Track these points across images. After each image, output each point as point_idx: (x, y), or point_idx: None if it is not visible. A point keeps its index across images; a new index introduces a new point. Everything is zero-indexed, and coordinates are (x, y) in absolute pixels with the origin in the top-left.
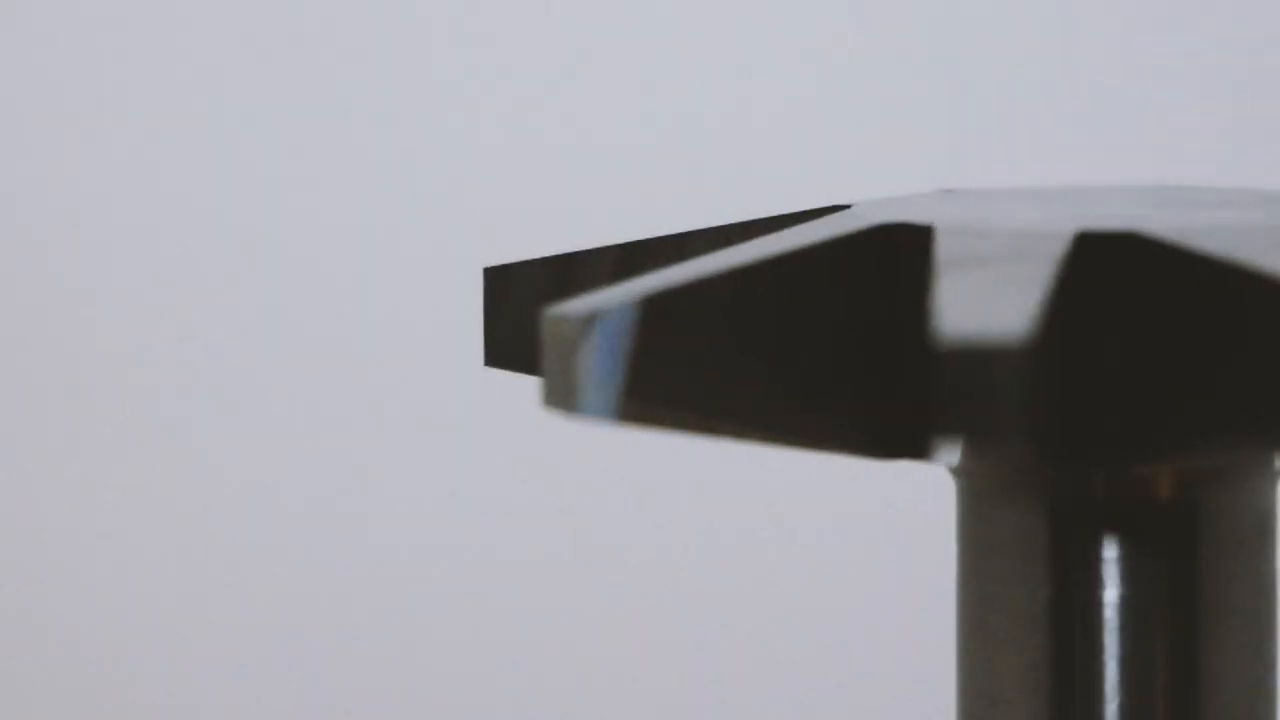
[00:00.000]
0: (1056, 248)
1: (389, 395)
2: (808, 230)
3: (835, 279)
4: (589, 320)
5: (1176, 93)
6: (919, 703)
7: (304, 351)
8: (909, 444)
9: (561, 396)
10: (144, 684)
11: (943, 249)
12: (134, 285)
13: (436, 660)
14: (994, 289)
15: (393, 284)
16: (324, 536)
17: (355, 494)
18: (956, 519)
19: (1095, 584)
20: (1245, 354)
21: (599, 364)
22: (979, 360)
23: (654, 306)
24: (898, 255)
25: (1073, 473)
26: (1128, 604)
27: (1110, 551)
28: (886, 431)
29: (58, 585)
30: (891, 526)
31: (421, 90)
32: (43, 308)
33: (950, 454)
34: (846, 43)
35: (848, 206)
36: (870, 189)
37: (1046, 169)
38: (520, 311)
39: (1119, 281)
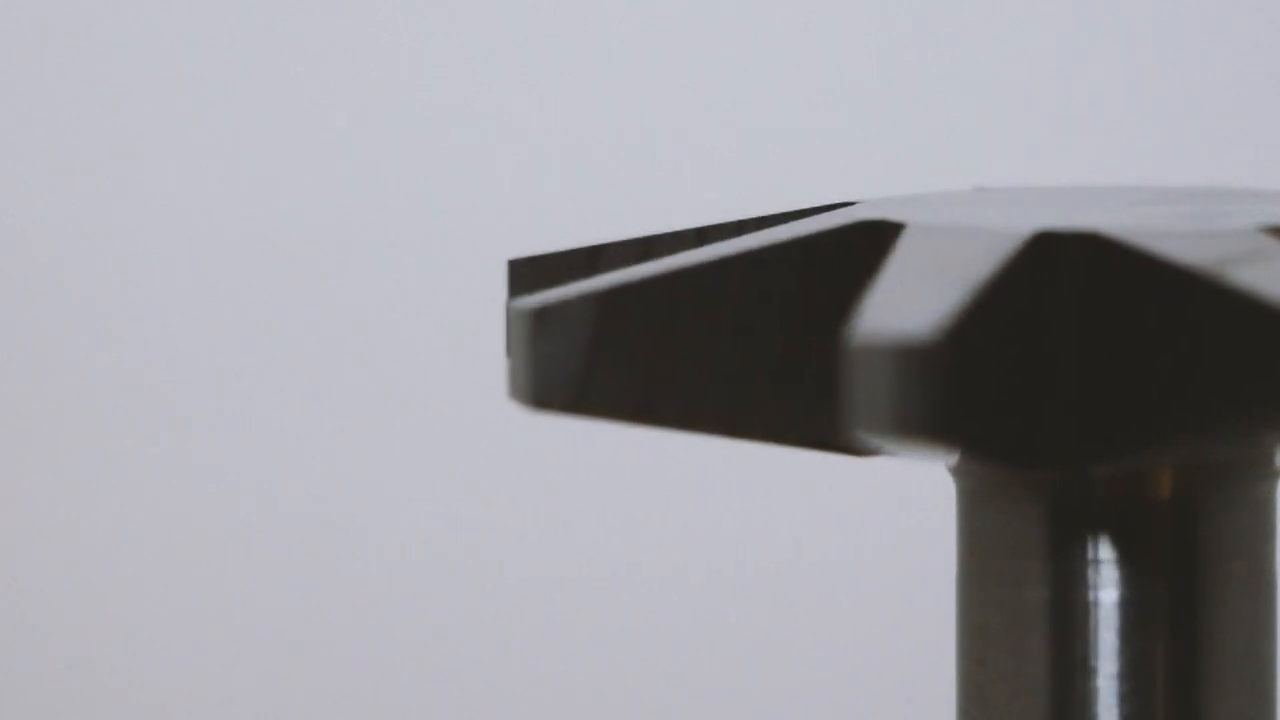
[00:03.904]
0: (1266, 244)
1: (395, 403)
2: (962, 244)
3: (1046, 293)
4: (927, 347)
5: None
6: (917, 703)
7: (305, 359)
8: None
9: (883, 423)
10: (141, 685)
11: (1175, 251)
12: (130, 290)
13: (436, 665)
14: None
15: (400, 290)
16: (324, 546)
17: (356, 501)
18: (956, 519)
19: (1094, 584)
20: None
21: (921, 388)
22: None
23: (955, 330)
24: (1083, 264)
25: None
26: (1127, 604)
27: (1110, 551)
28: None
29: (57, 586)
30: (891, 526)
31: (420, 91)
32: (41, 314)
33: None
34: (846, 45)
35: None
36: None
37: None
38: (562, 349)
39: None
